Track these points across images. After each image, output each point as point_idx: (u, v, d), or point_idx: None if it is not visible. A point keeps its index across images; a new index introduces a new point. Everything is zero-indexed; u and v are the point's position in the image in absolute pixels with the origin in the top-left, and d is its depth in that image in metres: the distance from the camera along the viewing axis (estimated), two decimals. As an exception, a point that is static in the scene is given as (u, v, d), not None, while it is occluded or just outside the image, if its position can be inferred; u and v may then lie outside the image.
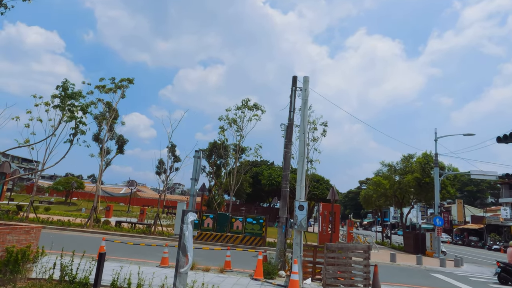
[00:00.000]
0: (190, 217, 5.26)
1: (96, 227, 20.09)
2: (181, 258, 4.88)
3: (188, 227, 5.14)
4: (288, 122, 11.59)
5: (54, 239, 14.20)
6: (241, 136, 21.87)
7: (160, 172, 49.58)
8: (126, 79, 23.33)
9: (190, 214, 5.28)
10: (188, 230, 5.13)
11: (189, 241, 5.12)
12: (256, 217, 18.79)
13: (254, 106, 22.40)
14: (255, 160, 60.13)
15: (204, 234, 18.54)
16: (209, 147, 29.66)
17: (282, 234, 11.01)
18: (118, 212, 37.27)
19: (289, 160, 11.38)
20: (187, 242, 5.04)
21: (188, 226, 5.14)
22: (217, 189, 32.61)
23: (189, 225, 5.18)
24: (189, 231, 5.18)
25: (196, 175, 5.36)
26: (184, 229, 5.11)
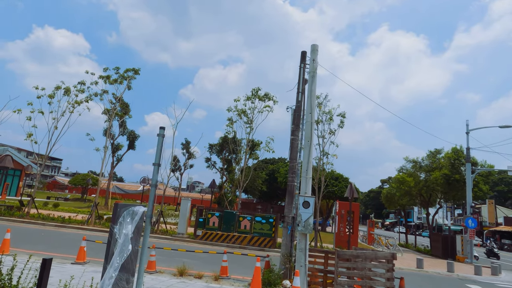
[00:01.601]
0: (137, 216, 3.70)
1: (98, 224, 19.02)
2: (109, 277, 3.25)
3: (127, 229, 3.56)
4: (296, 105, 9.88)
5: (38, 237, 13.11)
6: (251, 129, 20.25)
7: (175, 169, 48.94)
8: (131, 69, 22.19)
9: (134, 210, 3.72)
10: (126, 235, 3.53)
11: (127, 250, 3.49)
12: (266, 215, 17.15)
13: (265, 96, 20.72)
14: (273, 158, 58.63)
15: (209, 234, 17.08)
16: (220, 142, 28.20)
17: (288, 236, 9.32)
18: (129, 209, 36.45)
19: (297, 149, 9.65)
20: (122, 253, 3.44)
21: (127, 228, 3.56)
22: (230, 186, 31.15)
23: (130, 226, 3.61)
24: (130, 236, 3.59)
25: (158, 159, 4.11)
26: (117, 233, 3.53)
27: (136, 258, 3.84)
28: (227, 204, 25.70)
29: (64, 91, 22.01)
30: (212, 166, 30.82)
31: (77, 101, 21.87)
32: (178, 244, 16.00)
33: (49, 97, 21.74)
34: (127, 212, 3.64)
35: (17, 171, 42.69)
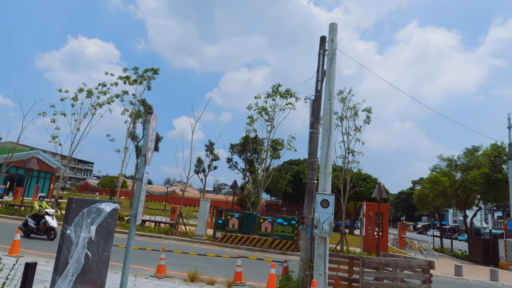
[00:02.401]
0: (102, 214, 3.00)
1: (118, 225, 18.83)
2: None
3: (87, 231, 2.84)
4: (315, 95, 8.98)
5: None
6: (272, 127, 19.42)
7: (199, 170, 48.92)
8: (150, 69, 22.03)
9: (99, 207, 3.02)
10: (85, 238, 2.80)
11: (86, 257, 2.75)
12: (288, 217, 16.24)
13: (287, 92, 19.83)
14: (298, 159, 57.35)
15: (229, 236, 16.39)
16: (241, 142, 27.53)
17: (308, 239, 8.41)
18: (153, 210, 36.61)
19: (317, 143, 8.73)
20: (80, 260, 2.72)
21: (87, 230, 2.84)
22: (252, 187, 30.43)
23: (93, 228, 2.89)
24: (90, 239, 2.85)
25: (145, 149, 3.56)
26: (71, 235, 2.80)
27: (106, 266, 3.17)
28: (250, 206, 24.98)
29: (87, 94, 22.15)
30: (234, 167, 30.24)
31: (99, 103, 21.95)
32: (197, 246, 15.42)
33: (72, 99, 21.95)
34: (87, 210, 2.95)
35: (48, 174, 44.08)
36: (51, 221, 12.40)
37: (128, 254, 3.87)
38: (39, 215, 12.54)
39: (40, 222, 12.48)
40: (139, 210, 3.92)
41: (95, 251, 2.96)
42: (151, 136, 4.16)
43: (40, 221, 12.49)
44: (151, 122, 4.08)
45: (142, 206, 4.09)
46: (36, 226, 12.38)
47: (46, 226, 12.36)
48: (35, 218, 12.57)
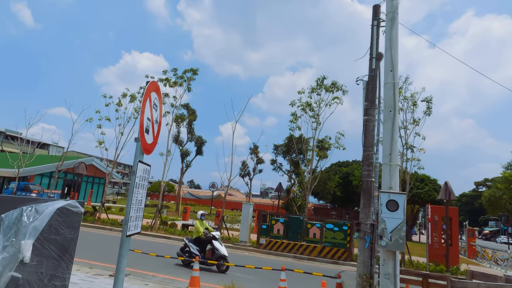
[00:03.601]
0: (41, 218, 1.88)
1: (161, 230, 18.44)
2: None
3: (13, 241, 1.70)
4: (369, 75, 7.48)
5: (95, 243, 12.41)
6: (317, 123, 17.86)
7: (244, 174, 48.27)
8: (189, 69, 21.56)
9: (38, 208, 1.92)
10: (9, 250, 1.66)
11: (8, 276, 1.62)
12: (339, 222, 14.57)
13: (333, 85, 18.18)
14: (346, 161, 54.56)
15: (274, 243, 15.11)
16: (285, 142, 26.16)
17: (366, 250, 6.88)
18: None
19: (373, 133, 7.22)
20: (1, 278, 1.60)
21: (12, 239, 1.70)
22: (298, 190, 28.89)
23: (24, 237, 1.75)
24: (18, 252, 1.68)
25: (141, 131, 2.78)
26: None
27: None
28: (296, 210, 23.51)
29: (130, 98, 22.26)
30: (278, 169, 28.91)
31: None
32: (239, 253, 14.35)
33: (117, 105, 22.18)
34: (15, 214, 1.85)
35: (102, 179, 46.07)
36: (220, 248, 9.69)
37: (119, 277, 2.78)
38: (203, 239, 9.98)
39: (206, 249, 10.02)
40: (132, 215, 2.82)
41: (35, 281, 1.91)
42: (151, 113, 3.06)
43: (206, 247, 10.04)
44: (149, 94, 2.98)
45: (140, 210, 2.99)
46: (202, 254, 9.86)
47: (215, 254, 9.65)
48: (199, 244, 10.04)
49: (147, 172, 3.09)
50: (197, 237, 10.10)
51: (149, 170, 3.15)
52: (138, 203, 2.93)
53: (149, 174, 3.15)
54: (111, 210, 31.55)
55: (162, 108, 3.44)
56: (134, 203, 2.83)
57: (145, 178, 3.06)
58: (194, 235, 10.27)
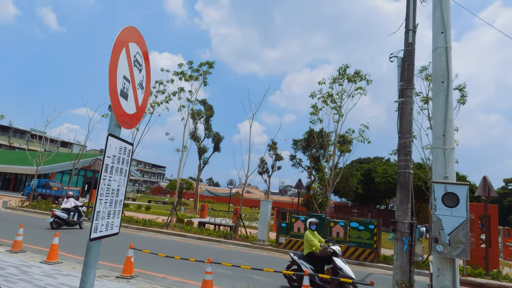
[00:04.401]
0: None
1: (177, 227, 17.87)
2: None
3: None
4: (405, 50, 6.47)
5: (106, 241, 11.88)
6: (339, 115, 16.75)
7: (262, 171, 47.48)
8: (205, 63, 20.87)
9: None
10: None
11: None
12: (364, 221, 13.51)
13: (356, 74, 17.02)
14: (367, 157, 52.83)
15: (294, 242, 14.21)
16: (305, 137, 25.09)
17: (404, 254, 5.92)
18: (216, 212, 35.91)
19: (410, 118, 6.26)
20: None
21: None
22: (319, 187, 27.81)
23: None
24: None
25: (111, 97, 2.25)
26: None
27: None
28: (317, 207, 22.49)
29: (146, 93, 21.81)
30: (298, 165, 27.87)
31: (156, 102, 21.47)
32: (257, 253, 13.55)
33: (133, 100, 21.78)
34: None
35: (121, 177, 46.38)
36: (344, 267, 7.15)
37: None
38: (318, 255, 7.68)
39: (323, 268, 7.57)
40: (102, 210, 2.02)
41: None
42: (131, 72, 2.25)
43: (323, 266, 7.60)
44: (124, 44, 2.17)
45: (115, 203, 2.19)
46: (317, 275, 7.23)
47: (339, 274, 7.02)
48: (313, 261, 7.72)
49: (126, 153, 2.29)
50: (309, 252, 7.77)
51: (131, 151, 2.36)
52: (113, 193, 2.14)
53: (130, 156, 2.36)
54: (129, 207, 31.47)
55: (150, 73, 2.62)
56: (105, 194, 2.04)
57: (124, 161, 2.27)
58: (305, 250, 7.95)
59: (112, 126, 2.15)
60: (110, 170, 2.07)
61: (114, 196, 2.16)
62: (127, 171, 2.32)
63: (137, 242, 13.26)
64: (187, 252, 11.95)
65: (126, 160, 2.30)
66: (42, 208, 22.18)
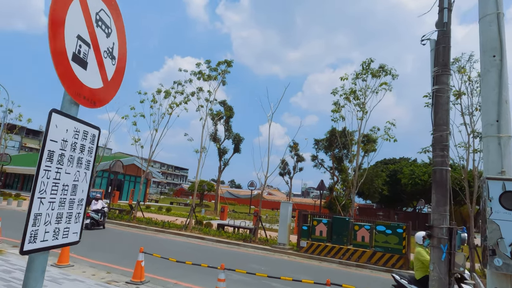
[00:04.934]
0: None
1: (195, 229, 17.51)
2: None
3: None
4: (439, 32, 5.69)
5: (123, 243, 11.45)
6: (363, 112, 15.86)
7: (284, 173, 46.71)
8: (223, 61, 20.48)
9: None
10: None
11: None
12: (392, 224, 12.59)
13: (381, 69, 16.09)
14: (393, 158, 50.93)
15: (316, 246, 13.46)
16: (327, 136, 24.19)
17: (442, 264, 5.13)
18: (237, 214, 35.48)
19: (446, 108, 5.47)
20: None
21: None
22: (342, 188, 26.81)
23: None
24: None
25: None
26: None
27: None
28: (340, 209, 21.59)
29: (165, 94, 21.73)
30: (320, 165, 26.96)
31: (175, 102, 21.32)
32: (277, 257, 12.92)
33: (152, 101, 21.75)
34: None
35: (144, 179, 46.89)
36: None
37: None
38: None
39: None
40: (45, 212, 1.49)
41: None
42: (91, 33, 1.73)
43: None
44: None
45: (72, 204, 1.66)
46: None
47: None
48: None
49: (88, 139, 1.77)
50: (424, 276, 6.09)
51: (96, 137, 1.84)
52: (65, 190, 1.63)
53: (95, 142, 1.84)
54: (150, 208, 31.58)
55: (126, 43, 2.10)
56: (50, 191, 1.52)
57: (85, 149, 1.75)
58: (417, 272, 6.33)
59: (65, 102, 1.64)
60: (59, 160, 1.56)
61: (67, 194, 1.64)
62: (90, 163, 1.81)
63: (154, 244, 12.95)
64: (204, 256, 11.49)
65: (88, 148, 1.78)
66: (65, 209, 22.46)
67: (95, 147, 1.84)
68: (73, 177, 1.67)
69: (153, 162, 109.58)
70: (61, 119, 1.55)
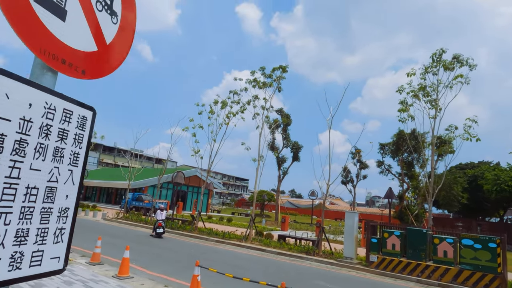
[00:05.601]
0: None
1: (256, 241, 16.97)
2: None
3: None
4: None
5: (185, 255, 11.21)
6: (436, 109, 14.03)
7: (346, 181, 44.49)
8: (278, 67, 19.99)
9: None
10: None
11: None
12: (482, 237, 10.71)
13: (455, 59, 14.19)
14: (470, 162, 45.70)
15: (389, 261, 12.01)
16: (394, 140, 22.19)
17: None
18: (298, 224, 34.29)
19: None
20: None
21: None
22: (414, 196, 24.39)
23: None
24: None
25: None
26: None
27: None
28: (413, 220, 19.49)
29: (221, 105, 21.87)
30: (387, 172, 24.83)
31: (231, 112, 21.30)
32: (344, 273, 11.76)
33: (210, 112, 22.02)
34: None
35: (205, 190, 48.13)
36: None
37: None
38: None
39: None
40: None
41: None
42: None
43: None
44: None
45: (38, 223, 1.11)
46: None
47: None
48: None
49: (73, 121, 1.24)
50: None
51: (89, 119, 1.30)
52: (31, 195, 1.09)
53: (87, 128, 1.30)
54: (212, 219, 31.95)
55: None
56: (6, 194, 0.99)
57: (69, 136, 1.22)
58: None
59: (35, 67, 1.13)
60: (17, 149, 1.03)
61: (36, 200, 1.12)
62: (78, 156, 1.27)
63: (213, 256, 12.65)
64: (264, 269, 10.83)
65: (74, 135, 1.25)
66: (133, 219, 23.50)
67: (87, 134, 1.31)
68: (46, 176, 1.14)
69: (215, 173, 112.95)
70: (17, 87, 1.03)
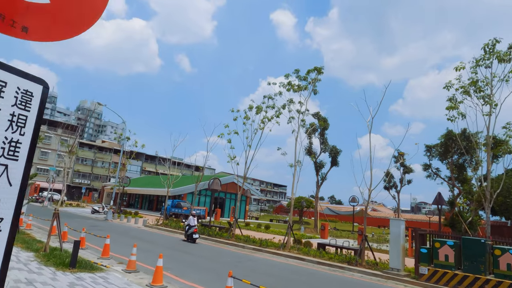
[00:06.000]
0: None
1: (294, 249, 16.33)
2: None
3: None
4: None
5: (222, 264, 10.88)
6: (491, 105, 12.67)
7: (389, 186, 42.36)
8: (313, 69, 19.38)
9: None
10: None
11: None
12: (552, 248, 9.35)
13: (511, 50, 12.78)
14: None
15: (442, 274, 10.87)
16: (442, 141, 20.54)
17: None
18: (339, 232, 32.95)
19: None
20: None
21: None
22: (466, 202, 22.45)
23: None
24: None
25: None
26: None
27: None
28: (467, 228, 17.84)
29: (256, 110, 21.64)
30: (435, 175, 23.07)
31: (266, 116, 20.99)
32: (391, 286, 10.83)
33: (245, 118, 21.88)
34: None
35: (243, 196, 48.06)
36: None
37: None
38: None
39: None
40: None
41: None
42: None
43: None
44: None
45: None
46: None
47: None
48: None
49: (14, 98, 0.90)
50: None
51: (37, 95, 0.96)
52: None
53: (32, 105, 0.96)
54: (249, 226, 31.64)
55: None
56: None
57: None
58: None
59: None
60: None
61: None
62: (18, 145, 0.92)
63: (249, 265, 12.22)
64: (303, 281, 10.22)
65: (13, 115, 0.90)
66: (172, 226, 23.79)
67: (35, 116, 0.96)
68: None
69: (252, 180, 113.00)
70: None
